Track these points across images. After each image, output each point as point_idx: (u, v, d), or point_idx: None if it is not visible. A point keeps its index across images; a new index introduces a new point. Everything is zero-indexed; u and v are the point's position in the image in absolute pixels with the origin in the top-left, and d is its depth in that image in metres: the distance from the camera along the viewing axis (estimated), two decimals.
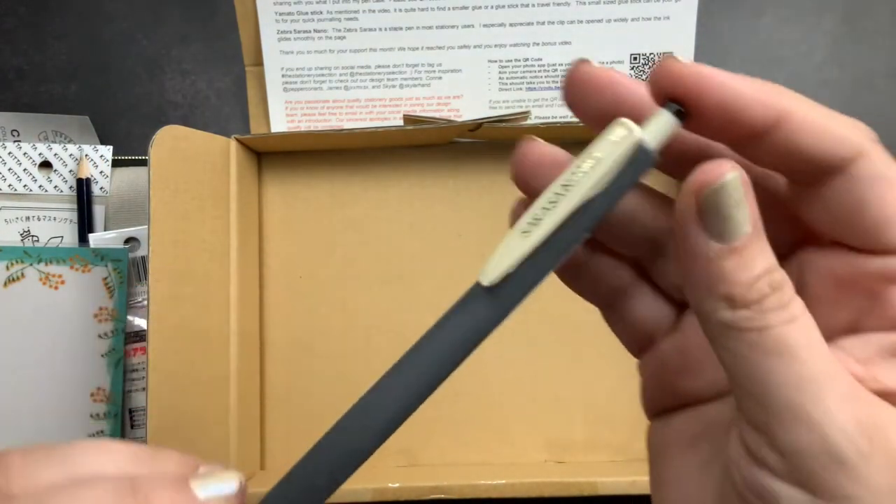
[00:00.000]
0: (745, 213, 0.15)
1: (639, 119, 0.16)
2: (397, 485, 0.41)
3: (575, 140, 0.47)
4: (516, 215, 0.19)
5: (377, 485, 0.41)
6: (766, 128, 0.16)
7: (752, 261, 0.15)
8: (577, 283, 0.20)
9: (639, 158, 0.16)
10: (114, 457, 0.17)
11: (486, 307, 0.17)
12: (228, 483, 0.18)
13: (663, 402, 0.20)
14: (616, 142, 0.16)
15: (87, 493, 0.16)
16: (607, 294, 0.20)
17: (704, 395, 0.19)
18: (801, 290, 0.18)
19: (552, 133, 0.45)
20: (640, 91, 0.17)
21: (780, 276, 0.15)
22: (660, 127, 0.16)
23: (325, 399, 0.46)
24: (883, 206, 0.16)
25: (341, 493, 0.41)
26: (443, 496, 0.41)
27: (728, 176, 0.15)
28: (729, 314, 0.15)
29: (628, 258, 0.20)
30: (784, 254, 0.18)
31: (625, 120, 0.16)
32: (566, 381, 0.46)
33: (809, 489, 0.15)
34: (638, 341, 0.21)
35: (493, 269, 0.16)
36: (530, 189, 0.18)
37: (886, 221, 0.16)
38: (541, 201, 0.16)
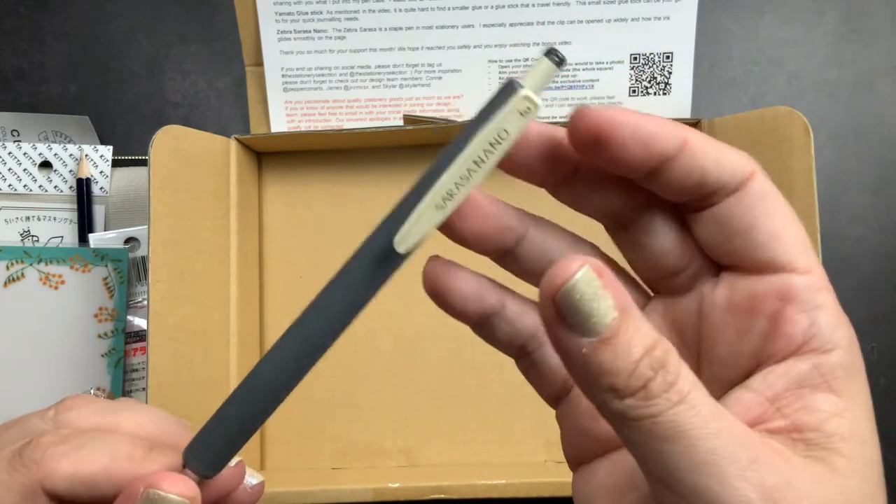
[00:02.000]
0: (607, 303, 0.15)
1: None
2: (397, 485, 0.41)
3: None
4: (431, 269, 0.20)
5: (377, 485, 0.41)
6: (675, 152, 0.17)
7: (627, 346, 0.15)
8: (490, 333, 0.21)
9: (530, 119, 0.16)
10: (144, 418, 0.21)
11: (391, 269, 0.18)
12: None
13: (584, 450, 0.20)
14: (515, 114, 0.16)
15: (108, 438, 0.20)
16: (520, 344, 0.20)
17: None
18: (703, 322, 0.18)
19: None
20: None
21: (662, 350, 0.15)
22: (541, 77, 0.16)
23: (325, 399, 0.46)
24: (773, 220, 0.17)
25: (342, 493, 0.41)
26: (443, 496, 0.41)
27: (578, 273, 0.15)
28: (618, 404, 0.15)
29: (534, 304, 0.20)
30: (681, 289, 0.19)
31: (527, 93, 0.16)
32: None
33: None
34: (553, 389, 0.21)
35: (411, 238, 0.17)
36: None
37: (775, 235, 0.17)
38: (452, 176, 0.17)
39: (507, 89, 0.16)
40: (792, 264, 0.17)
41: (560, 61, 0.16)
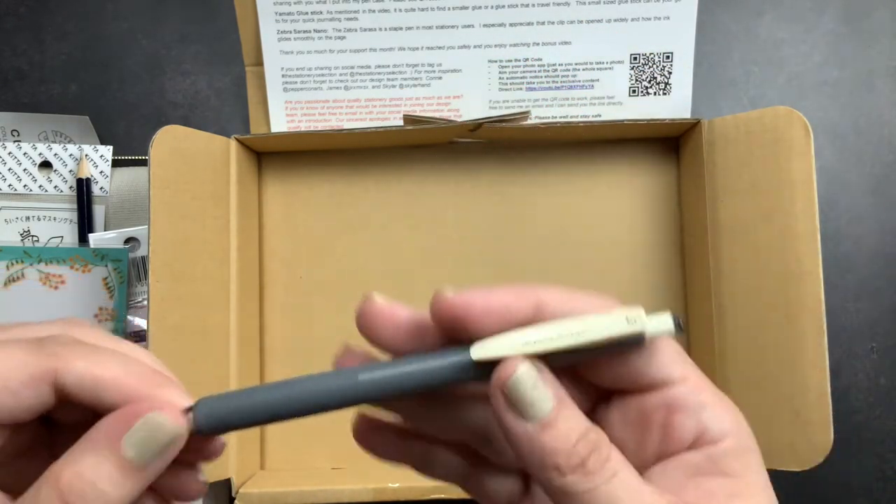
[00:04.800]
0: (544, 393, 0.18)
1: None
2: (397, 485, 0.41)
3: (574, 140, 0.47)
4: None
5: (377, 485, 0.41)
6: (533, 314, 0.19)
7: (565, 429, 0.18)
8: (430, 471, 0.23)
9: (636, 341, 0.19)
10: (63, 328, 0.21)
11: (460, 370, 0.19)
12: None
13: None
14: (628, 324, 0.18)
15: (121, 355, 0.20)
16: (457, 477, 0.23)
17: None
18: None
19: (552, 133, 0.45)
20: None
21: (596, 434, 0.18)
22: (659, 327, 0.19)
23: None
24: (645, 346, 0.19)
25: (342, 493, 0.41)
26: (443, 496, 0.41)
27: (520, 369, 0.18)
28: (561, 481, 0.18)
29: (462, 448, 0.23)
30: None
31: (641, 312, 0.19)
32: None
33: None
34: None
35: (486, 352, 0.19)
36: (376, 340, 0.21)
37: (650, 356, 0.19)
38: (551, 331, 0.19)
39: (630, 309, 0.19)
40: (670, 377, 0.20)
41: (679, 328, 0.19)
